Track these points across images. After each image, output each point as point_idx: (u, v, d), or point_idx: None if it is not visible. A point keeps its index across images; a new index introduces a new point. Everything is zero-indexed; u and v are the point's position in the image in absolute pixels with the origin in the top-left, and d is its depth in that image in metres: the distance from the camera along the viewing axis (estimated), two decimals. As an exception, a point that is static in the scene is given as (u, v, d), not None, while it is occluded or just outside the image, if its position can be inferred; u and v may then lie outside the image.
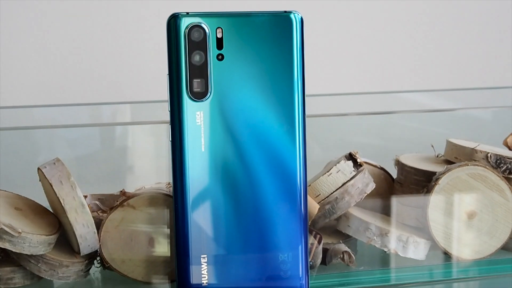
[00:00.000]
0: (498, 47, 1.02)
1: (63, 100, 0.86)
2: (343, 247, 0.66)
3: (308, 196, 0.61)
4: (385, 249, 0.66)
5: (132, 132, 0.74)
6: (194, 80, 0.57)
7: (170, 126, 0.57)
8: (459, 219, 0.67)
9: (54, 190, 0.61)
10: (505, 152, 0.70)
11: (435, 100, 0.87)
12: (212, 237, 0.58)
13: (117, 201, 0.63)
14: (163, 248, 0.63)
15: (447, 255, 0.67)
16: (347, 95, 0.83)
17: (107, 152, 0.75)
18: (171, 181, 0.58)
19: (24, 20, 0.86)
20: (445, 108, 0.84)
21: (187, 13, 0.56)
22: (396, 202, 0.70)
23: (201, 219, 0.58)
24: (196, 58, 0.57)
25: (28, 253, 0.60)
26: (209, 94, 0.57)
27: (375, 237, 0.66)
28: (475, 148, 0.69)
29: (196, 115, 0.57)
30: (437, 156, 0.73)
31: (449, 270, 0.68)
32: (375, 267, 0.68)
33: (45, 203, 0.65)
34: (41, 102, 0.84)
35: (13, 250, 0.60)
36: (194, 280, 0.58)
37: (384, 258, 0.68)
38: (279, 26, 0.57)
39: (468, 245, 0.67)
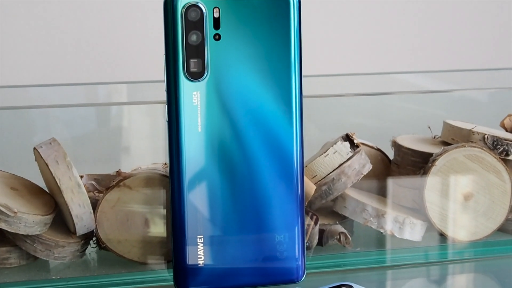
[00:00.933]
0: (495, 29, 1.02)
1: (59, 79, 0.86)
2: (339, 228, 0.66)
3: (304, 177, 0.60)
4: (382, 230, 0.66)
5: (128, 112, 0.74)
6: (191, 60, 0.56)
7: (166, 106, 0.57)
8: (455, 201, 0.67)
9: (50, 170, 0.61)
10: (502, 133, 0.70)
11: (432, 81, 0.87)
12: (208, 217, 0.58)
13: (113, 181, 0.63)
14: (159, 228, 0.63)
15: (443, 237, 0.68)
16: (344, 76, 0.83)
17: (103, 133, 0.75)
18: (167, 161, 0.58)
19: (20, -1, 0.86)
20: (442, 89, 0.84)
21: (184, -8, 0.56)
22: (392, 183, 0.70)
23: (197, 200, 0.58)
24: (193, 38, 0.56)
25: (24, 233, 0.60)
26: (205, 74, 0.56)
27: (371, 218, 0.66)
28: (472, 129, 0.69)
29: (193, 95, 0.57)
30: (434, 138, 0.73)
31: (445, 251, 0.68)
32: (371, 248, 0.68)
33: (41, 183, 0.65)
34: (36, 82, 0.84)
35: (9, 230, 0.60)
36: (190, 260, 0.58)
37: (380, 239, 0.68)
38: (277, 6, 0.57)
39: (464, 227, 0.67)
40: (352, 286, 0.56)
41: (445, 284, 0.65)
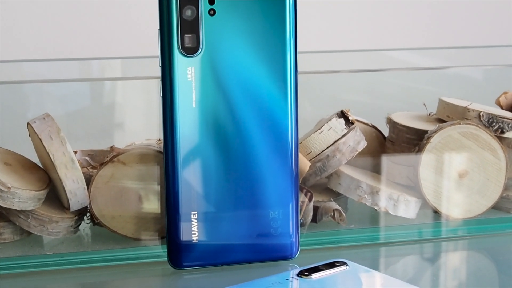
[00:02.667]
0: (491, 5, 1.02)
1: (52, 55, 0.86)
2: (333, 205, 0.66)
3: (299, 154, 0.60)
4: (376, 208, 0.66)
5: (122, 88, 0.74)
6: (186, 35, 0.56)
7: (161, 81, 0.57)
8: (450, 178, 0.67)
9: (43, 145, 0.60)
10: (497, 111, 0.70)
11: (427, 59, 0.87)
12: (202, 194, 0.58)
13: (107, 157, 0.63)
14: (153, 204, 0.63)
15: (437, 214, 0.68)
16: (339, 52, 0.83)
17: (97, 108, 0.75)
18: (161, 137, 0.58)
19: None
20: (437, 66, 0.83)
21: (179, -34, 0.56)
22: (387, 160, 0.70)
23: (191, 176, 0.58)
24: (188, 13, 0.56)
25: (18, 208, 0.60)
26: (200, 49, 0.56)
27: (366, 195, 0.66)
28: (468, 106, 0.68)
29: (187, 70, 0.56)
30: (429, 115, 0.73)
31: (438, 229, 0.68)
32: (365, 225, 0.68)
33: (35, 159, 0.64)
34: (30, 57, 0.83)
35: (3, 205, 0.60)
36: (184, 237, 0.58)
37: (374, 216, 0.68)
38: (272, -19, 0.57)
39: (459, 204, 0.67)
40: (346, 263, 0.56)
41: (439, 262, 0.65)
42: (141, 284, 0.60)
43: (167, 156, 0.57)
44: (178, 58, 0.56)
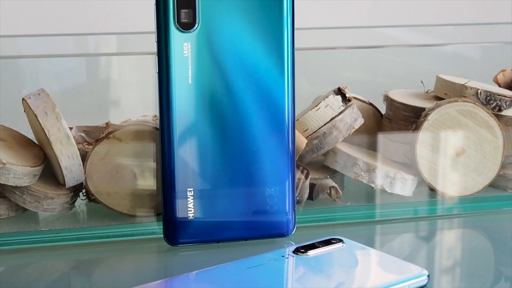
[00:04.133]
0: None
1: (47, 30, 0.85)
2: (330, 182, 0.66)
3: (295, 131, 0.60)
4: (372, 185, 0.66)
5: (118, 64, 0.73)
6: (182, 10, 0.56)
7: (157, 57, 0.56)
8: (447, 156, 0.67)
9: (39, 121, 0.60)
10: (495, 88, 0.70)
11: (425, 36, 0.86)
12: (198, 170, 0.58)
13: (102, 133, 0.62)
14: (149, 181, 0.62)
15: (434, 192, 0.67)
16: (337, 29, 0.82)
17: (93, 84, 0.74)
18: (157, 113, 0.57)
19: None
20: (435, 43, 0.83)
21: None
22: (384, 138, 0.69)
23: (187, 152, 0.57)
24: (184, -13, 0.56)
25: (13, 185, 0.60)
26: (197, 25, 0.56)
27: (362, 173, 0.66)
28: (465, 84, 0.68)
29: (184, 46, 0.56)
30: (427, 92, 0.73)
31: (435, 207, 0.68)
32: (361, 203, 0.68)
33: (30, 135, 0.64)
34: (25, 32, 0.83)
35: (-3, 181, 0.60)
36: (180, 213, 0.58)
37: (370, 194, 0.68)
38: (269, -44, 0.56)
39: (455, 182, 0.67)
40: (342, 240, 0.56)
41: (435, 240, 0.65)
42: (137, 260, 0.60)
43: (163, 133, 0.57)
44: (174, 34, 0.56)
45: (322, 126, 0.65)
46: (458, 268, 0.59)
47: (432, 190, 0.67)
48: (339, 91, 0.66)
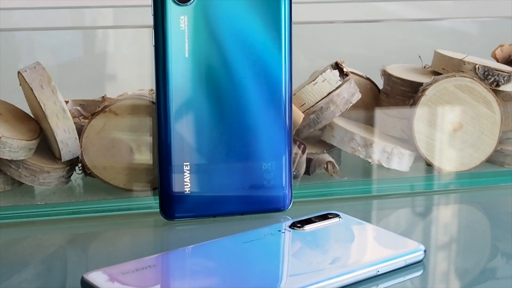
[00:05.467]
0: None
1: (43, 3, 0.84)
2: (327, 157, 0.66)
3: (292, 105, 0.60)
4: (369, 160, 0.66)
5: (114, 37, 0.73)
6: (179, -17, 0.55)
7: (153, 30, 0.56)
8: (444, 131, 0.67)
9: (34, 95, 0.60)
10: (493, 64, 0.69)
11: (423, 11, 0.86)
12: (195, 145, 0.58)
13: (98, 107, 0.62)
14: (145, 155, 0.62)
15: (431, 167, 0.67)
16: (334, 3, 0.82)
17: (89, 58, 0.74)
18: (154, 87, 0.57)
19: None
20: (433, 17, 0.83)
21: None
22: (381, 113, 0.69)
23: (184, 127, 0.57)
24: (181, -40, 0.55)
25: (9, 158, 0.60)
26: (193, -2, 0.55)
27: (359, 148, 0.66)
28: (463, 59, 0.68)
29: (180, 19, 0.56)
30: (424, 67, 0.73)
31: (432, 182, 0.68)
32: (358, 178, 0.68)
33: (26, 108, 0.64)
34: (21, 5, 0.82)
35: (-7, 155, 0.59)
36: (176, 188, 0.58)
37: (367, 169, 0.68)
38: None
39: (452, 157, 0.67)
40: (338, 215, 0.56)
41: (432, 215, 0.65)
42: (133, 235, 0.60)
43: (159, 107, 0.57)
44: (171, 7, 0.55)
45: (319, 101, 0.65)
46: (454, 243, 0.59)
47: (429, 165, 0.67)
48: (337, 66, 0.65)
